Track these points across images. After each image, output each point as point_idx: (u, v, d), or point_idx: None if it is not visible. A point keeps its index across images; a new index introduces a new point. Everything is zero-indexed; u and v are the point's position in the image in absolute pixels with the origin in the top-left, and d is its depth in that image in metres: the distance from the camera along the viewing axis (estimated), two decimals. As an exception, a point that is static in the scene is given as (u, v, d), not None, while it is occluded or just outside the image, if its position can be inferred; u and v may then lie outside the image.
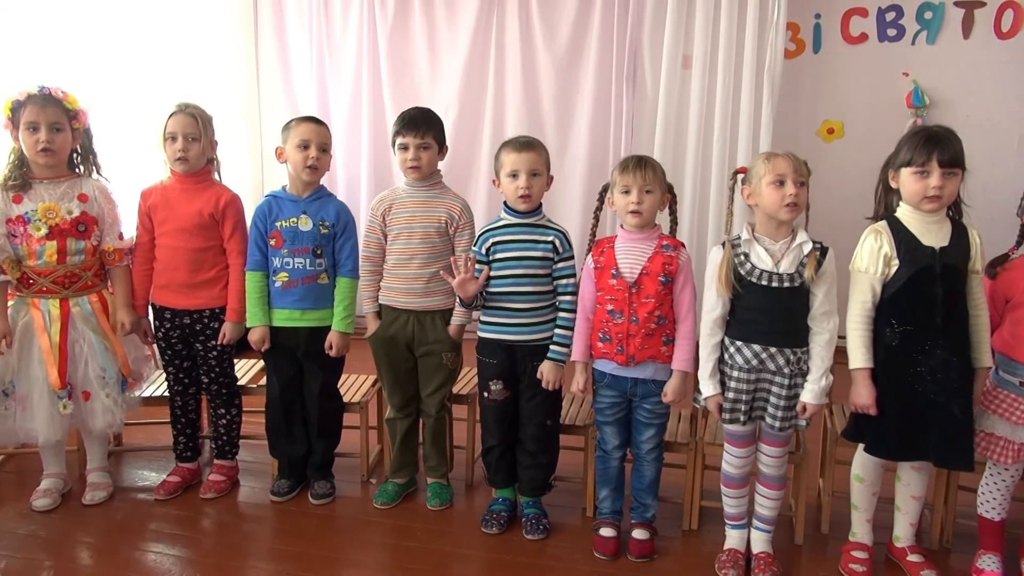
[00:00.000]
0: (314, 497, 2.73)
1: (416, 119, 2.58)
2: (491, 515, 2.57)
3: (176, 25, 4.42)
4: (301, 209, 2.62)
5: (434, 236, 2.58)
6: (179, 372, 2.76)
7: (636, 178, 2.27)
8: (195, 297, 2.66)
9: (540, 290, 2.45)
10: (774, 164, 2.14)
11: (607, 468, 2.47)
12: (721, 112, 4.41)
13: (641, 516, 2.46)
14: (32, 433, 2.53)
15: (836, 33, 4.63)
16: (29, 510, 2.65)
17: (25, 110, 2.43)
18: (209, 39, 4.69)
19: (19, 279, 2.51)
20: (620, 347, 2.31)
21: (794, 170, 2.13)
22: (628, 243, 2.34)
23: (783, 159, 2.14)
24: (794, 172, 2.13)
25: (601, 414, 2.43)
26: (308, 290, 2.62)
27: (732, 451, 2.29)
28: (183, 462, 2.85)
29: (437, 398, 2.69)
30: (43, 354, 2.49)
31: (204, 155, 2.64)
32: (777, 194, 2.13)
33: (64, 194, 2.54)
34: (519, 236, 2.45)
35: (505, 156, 2.42)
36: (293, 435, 2.76)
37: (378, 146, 4.91)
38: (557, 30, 4.60)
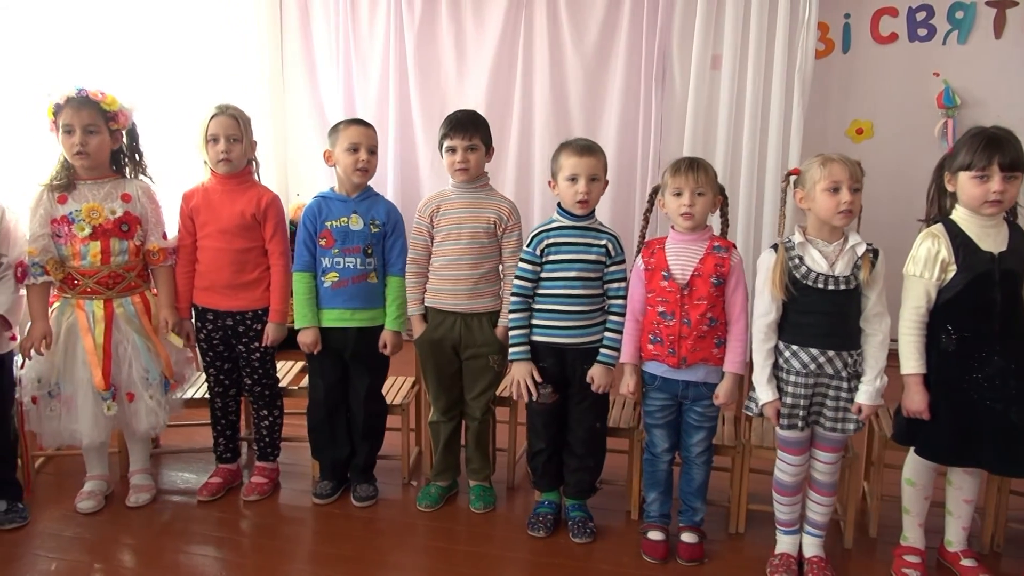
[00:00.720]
0: (357, 499, 2.72)
1: (463, 121, 2.57)
2: (537, 518, 2.56)
3: (201, 26, 4.41)
4: (351, 209, 2.61)
5: (483, 237, 2.56)
6: (220, 374, 2.75)
7: (688, 180, 2.25)
8: (237, 299, 2.66)
9: (592, 293, 2.43)
10: (829, 170, 2.12)
11: (656, 471, 2.45)
12: (751, 113, 4.38)
13: (690, 520, 2.44)
14: (77, 435, 2.52)
15: (866, 33, 4.61)
16: (73, 512, 2.64)
17: (63, 113, 2.43)
18: (234, 40, 4.70)
19: (63, 280, 2.51)
20: (671, 349, 2.29)
21: (850, 176, 2.11)
22: (679, 244, 2.33)
23: (839, 164, 2.12)
24: (850, 178, 2.11)
25: (651, 417, 2.41)
26: (358, 290, 2.62)
27: (787, 458, 2.27)
28: (224, 463, 2.84)
29: (482, 401, 2.67)
30: (87, 355, 2.49)
31: (245, 156, 2.64)
32: (832, 201, 2.11)
33: (107, 194, 2.53)
34: (573, 239, 2.43)
35: (565, 159, 2.40)
36: (336, 437, 2.75)
37: (405, 146, 4.90)
38: (585, 30, 4.58)
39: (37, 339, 2.45)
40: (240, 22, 4.77)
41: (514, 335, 2.47)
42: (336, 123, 2.69)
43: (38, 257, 2.45)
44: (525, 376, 2.44)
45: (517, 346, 2.46)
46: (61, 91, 2.45)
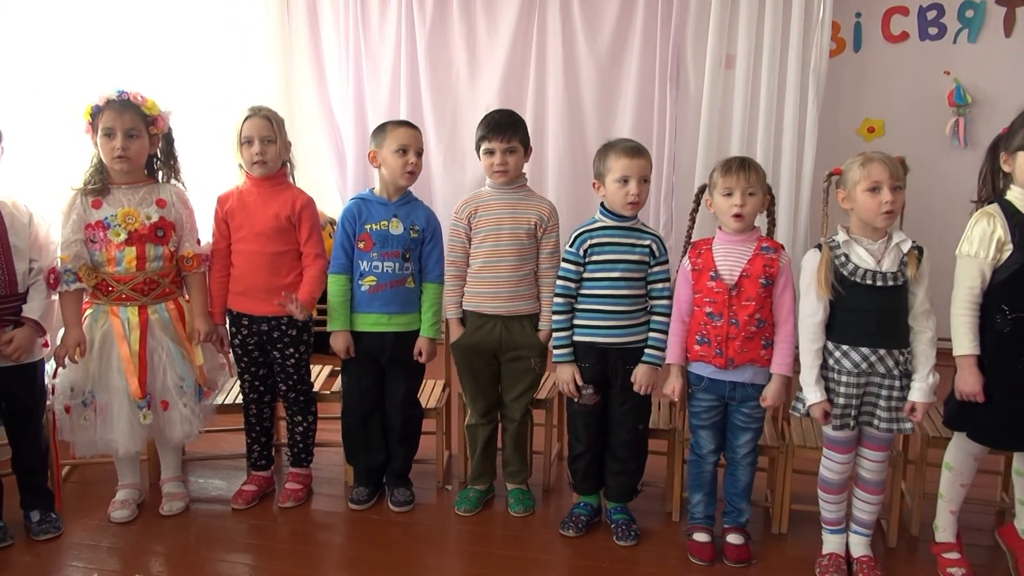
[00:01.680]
0: (394, 504, 2.69)
1: (501, 123, 2.55)
2: (571, 518, 2.55)
3: (204, 26, 4.36)
4: (392, 213, 2.58)
5: (523, 238, 2.54)
6: (255, 379, 2.71)
7: (739, 180, 2.24)
8: (273, 304, 2.61)
9: (635, 293, 2.42)
10: (869, 170, 2.12)
11: (701, 473, 2.44)
12: (765, 113, 4.39)
13: (735, 521, 2.44)
14: (112, 444, 2.47)
15: (877, 32, 4.63)
16: (106, 521, 2.60)
17: (103, 115, 2.38)
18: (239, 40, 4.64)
19: (97, 286, 2.46)
20: (719, 350, 2.28)
21: (890, 175, 2.11)
22: (727, 245, 2.32)
23: (879, 164, 2.12)
24: (890, 177, 2.10)
25: (697, 418, 2.40)
26: (395, 294, 2.59)
27: (834, 457, 2.27)
28: (258, 471, 2.80)
29: (522, 403, 2.65)
30: (123, 363, 2.44)
31: (280, 157, 2.60)
32: (873, 201, 2.10)
33: (143, 199, 2.49)
34: (617, 239, 2.42)
35: (614, 161, 2.38)
36: (371, 442, 2.72)
37: (416, 148, 4.86)
38: (599, 30, 4.57)
39: (71, 346, 2.40)
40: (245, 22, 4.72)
41: (558, 336, 2.45)
42: (382, 124, 2.67)
43: (71, 263, 2.40)
44: (570, 378, 2.42)
45: (561, 348, 2.44)
46: (100, 93, 2.40)
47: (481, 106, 4.76)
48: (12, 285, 2.35)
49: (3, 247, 2.33)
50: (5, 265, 2.33)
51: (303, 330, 2.67)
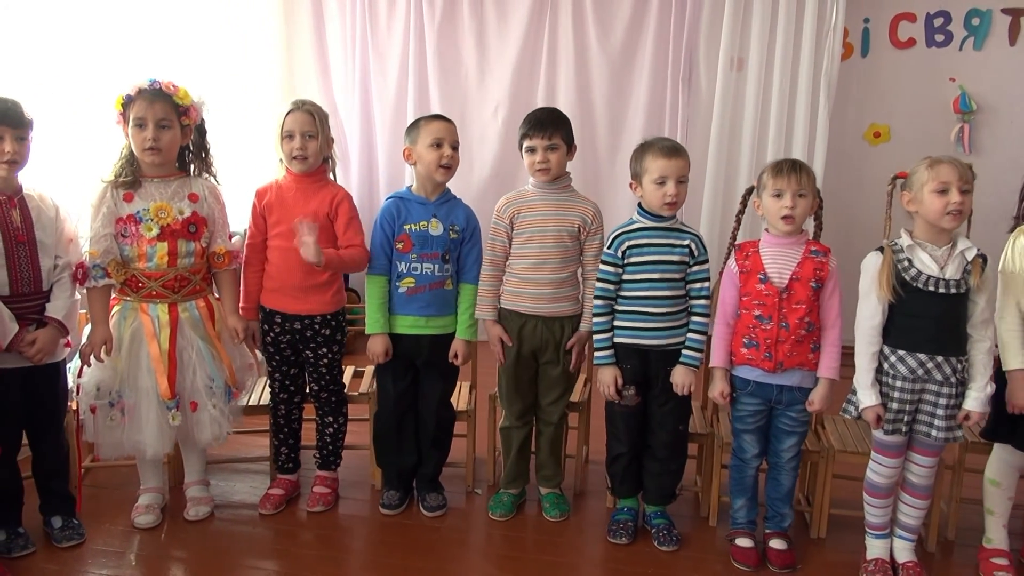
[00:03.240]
0: (427, 509, 2.63)
1: (543, 120, 2.51)
2: (618, 525, 2.51)
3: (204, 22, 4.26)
4: (431, 213, 2.52)
5: (566, 240, 2.50)
6: (286, 379, 2.64)
7: (790, 182, 2.22)
8: (307, 302, 2.54)
9: (676, 294, 2.39)
10: (938, 171, 2.11)
11: (743, 477, 2.42)
12: (777, 115, 4.41)
13: (778, 526, 2.42)
14: (141, 446, 2.38)
15: (884, 37, 4.66)
16: (129, 527, 2.51)
17: (134, 105, 2.29)
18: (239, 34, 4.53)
19: (126, 282, 2.37)
20: (768, 353, 2.26)
21: (959, 177, 2.10)
22: (775, 248, 2.30)
23: (948, 166, 2.11)
24: (959, 179, 2.10)
25: (741, 422, 2.38)
26: (434, 296, 2.53)
27: (883, 461, 2.26)
28: (284, 474, 2.72)
29: (559, 406, 2.61)
30: (152, 362, 2.36)
31: (321, 154, 2.52)
32: (940, 202, 2.10)
33: (175, 193, 2.40)
34: (656, 240, 2.39)
35: (652, 161, 2.34)
36: (403, 445, 2.66)
37: (423, 145, 4.79)
38: (611, 29, 4.55)
39: (97, 345, 2.31)
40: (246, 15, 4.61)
41: (600, 339, 2.41)
42: (415, 120, 2.60)
43: (100, 259, 2.31)
44: (611, 380, 2.39)
45: (603, 350, 2.41)
46: (132, 82, 2.31)
47: (490, 105, 4.73)
48: (37, 282, 2.25)
49: (29, 243, 2.23)
50: (30, 262, 2.23)
51: (337, 329, 2.61)
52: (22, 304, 2.22)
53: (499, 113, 4.67)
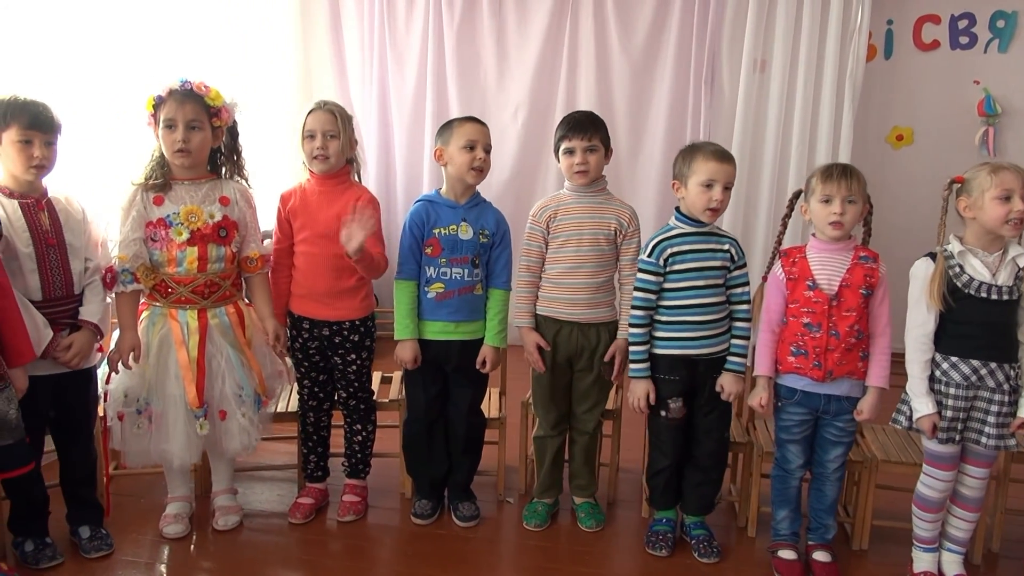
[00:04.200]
0: (460, 519, 2.57)
1: (582, 122, 2.45)
2: (657, 536, 2.45)
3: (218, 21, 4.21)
4: (460, 216, 2.46)
5: (603, 244, 2.44)
6: (315, 386, 2.58)
7: (840, 188, 2.17)
8: (336, 308, 2.49)
9: (720, 300, 2.34)
10: (1001, 178, 2.06)
11: (787, 488, 2.37)
12: (800, 118, 4.35)
13: (821, 538, 2.37)
14: (168, 455, 2.32)
15: (908, 40, 4.62)
16: (157, 537, 2.45)
17: (164, 107, 2.24)
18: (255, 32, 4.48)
19: (155, 287, 2.32)
20: (817, 362, 2.21)
21: (1022, 184, 2.05)
22: (823, 254, 2.24)
23: (1011, 173, 2.06)
24: (1022, 187, 2.05)
25: (787, 432, 2.32)
26: (463, 302, 2.47)
27: (936, 473, 2.20)
28: (313, 482, 2.67)
29: (595, 414, 2.56)
30: (181, 370, 2.30)
31: (343, 154, 2.47)
32: (1002, 209, 2.04)
33: (206, 196, 2.34)
34: (698, 246, 2.33)
35: (701, 163, 2.29)
36: (434, 453, 2.60)
37: (441, 147, 4.74)
38: (633, 31, 4.50)
39: (126, 351, 2.25)
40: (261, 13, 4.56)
41: (637, 351, 2.35)
42: (448, 121, 2.54)
43: (129, 263, 2.25)
44: (644, 394, 2.34)
45: (640, 362, 2.35)
46: (163, 83, 2.25)
47: (510, 106, 4.67)
48: (69, 286, 2.20)
49: (59, 246, 2.17)
50: (61, 265, 2.18)
51: (366, 335, 2.55)
52: (55, 308, 2.16)
53: (519, 115, 4.62)
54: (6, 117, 2.05)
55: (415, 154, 4.79)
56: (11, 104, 2.06)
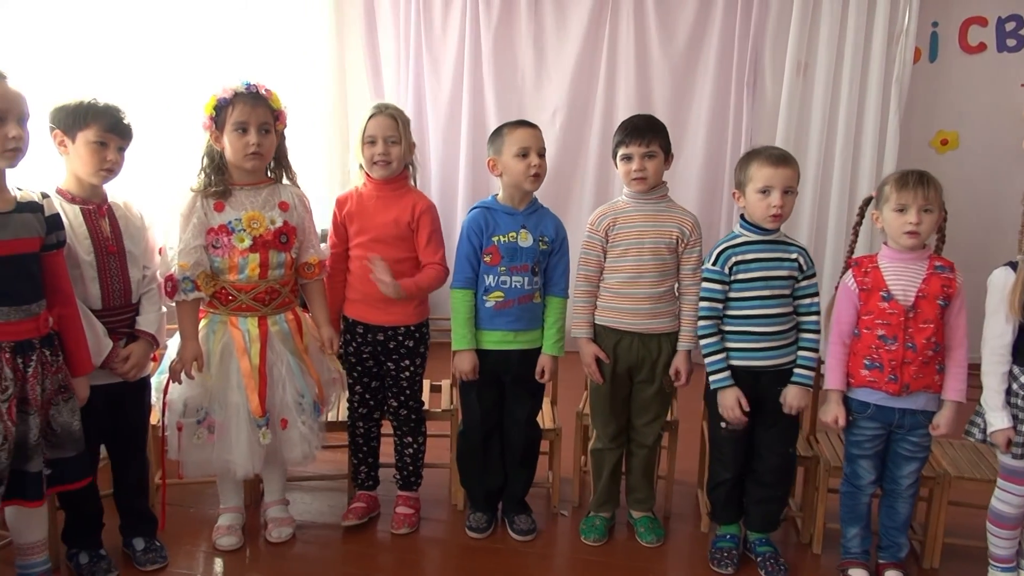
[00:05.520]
0: (517, 533, 2.52)
1: (640, 127, 2.39)
2: (721, 553, 2.39)
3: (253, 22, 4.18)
4: (520, 223, 2.41)
5: (664, 252, 2.38)
6: (366, 392, 2.54)
7: (916, 197, 2.10)
8: (390, 313, 2.44)
9: (786, 311, 2.28)
10: None
11: (857, 505, 2.30)
12: (845, 122, 4.28)
13: (894, 556, 2.30)
14: (231, 466, 2.28)
15: (954, 42, 4.52)
16: (211, 549, 2.41)
17: (234, 110, 2.19)
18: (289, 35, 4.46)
19: (215, 295, 2.28)
20: (893, 375, 2.14)
21: None
22: (897, 263, 2.18)
23: None
24: None
25: (858, 447, 2.25)
26: (523, 310, 2.42)
27: (1012, 488, 2.13)
28: (365, 490, 2.62)
29: (656, 427, 2.50)
30: (243, 378, 2.25)
31: (403, 159, 2.42)
32: None
33: (265, 202, 2.30)
34: (763, 255, 2.27)
35: (757, 170, 2.23)
36: (490, 465, 2.55)
37: (478, 149, 4.69)
38: (674, 33, 4.43)
39: (188, 361, 2.21)
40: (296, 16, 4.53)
41: (715, 360, 2.29)
42: (497, 128, 2.49)
43: (189, 271, 2.21)
44: (734, 403, 2.27)
45: (719, 372, 2.28)
46: (225, 85, 2.21)
47: (548, 108, 4.62)
48: (127, 295, 2.16)
49: (119, 254, 2.14)
50: (121, 273, 2.14)
51: (420, 342, 2.50)
52: (113, 318, 2.13)
53: (557, 118, 4.57)
54: (85, 118, 2.02)
55: (451, 158, 4.74)
56: (91, 106, 2.03)
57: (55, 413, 1.91)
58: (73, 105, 2.04)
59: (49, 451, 1.90)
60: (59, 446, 1.92)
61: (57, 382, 1.92)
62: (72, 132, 2.04)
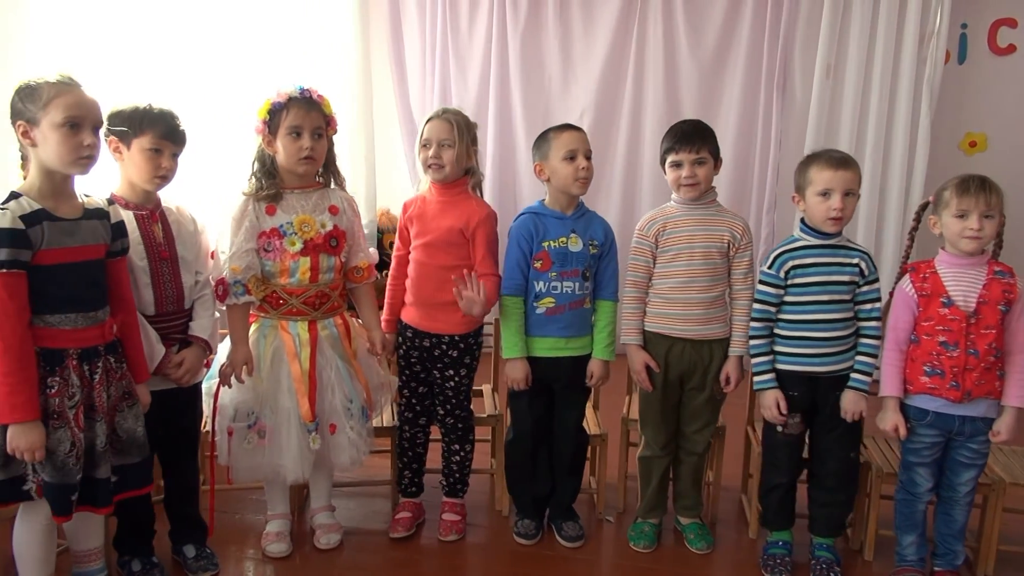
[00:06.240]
0: (566, 539, 2.50)
1: (690, 133, 2.38)
2: (774, 560, 2.37)
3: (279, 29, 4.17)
4: (569, 228, 2.39)
5: (716, 257, 2.37)
6: (413, 397, 2.52)
7: (978, 203, 2.08)
8: (435, 320, 2.42)
9: (846, 317, 2.26)
10: None
11: (914, 512, 2.28)
12: (875, 124, 4.25)
13: (950, 564, 2.28)
14: (281, 470, 2.26)
15: (983, 43, 4.50)
16: (261, 556, 2.39)
17: (288, 114, 2.18)
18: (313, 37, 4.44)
19: (265, 299, 2.26)
20: (954, 382, 2.12)
21: None
22: (956, 269, 2.16)
23: None
24: None
25: (916, 455, 2.24)
26: (574, 316, 2.40)
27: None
28: (408, 497, 2.61)
29: (706, 434, 2.48)
30: (294, 383, 2.24)
31: (460, 164, 2.40)
32: None
33: (316, 206, 2.28)
34: (823, 259, 2.25)
35: (817, 172, 2.22)
36: (539, 472, 2.53)
37: (504, 153, 4.69)
38: (703, 35, 4.41)
39: (239, 364, 2.19)
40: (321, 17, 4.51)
41: (761, 362, 2.28)
42: (543, 132, 2.45)
43: (241, 275, 2.19)
44: (774, 404, 2.26)
45: (764, 374, 2.28)
46: (280, 89, 2.19)
47: (575, 112, 4.59)
48: (180, 300, 2.15)
49: (172, 259, 2.12)
50: (174, 279, 2.13)
51: (466, 352, 2.48)
52: (166, 323, 2.12)
53: (584, 120, 4.53)
54: (141, 124, 2.00)
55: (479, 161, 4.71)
56: (147, 112, 2.02)
57: (120, 420, 1.90)
58: (128, 111, 2.03)
59: (115, 457, 1.88)
60: (124, 452, 1.91)
61: (121, 389, 1.91)
62: (127, 139, 2.02)
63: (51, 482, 1.79)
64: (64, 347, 1.79)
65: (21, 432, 1.72)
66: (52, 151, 1.75)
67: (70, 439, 1.77)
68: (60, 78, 1.76)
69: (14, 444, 1.73)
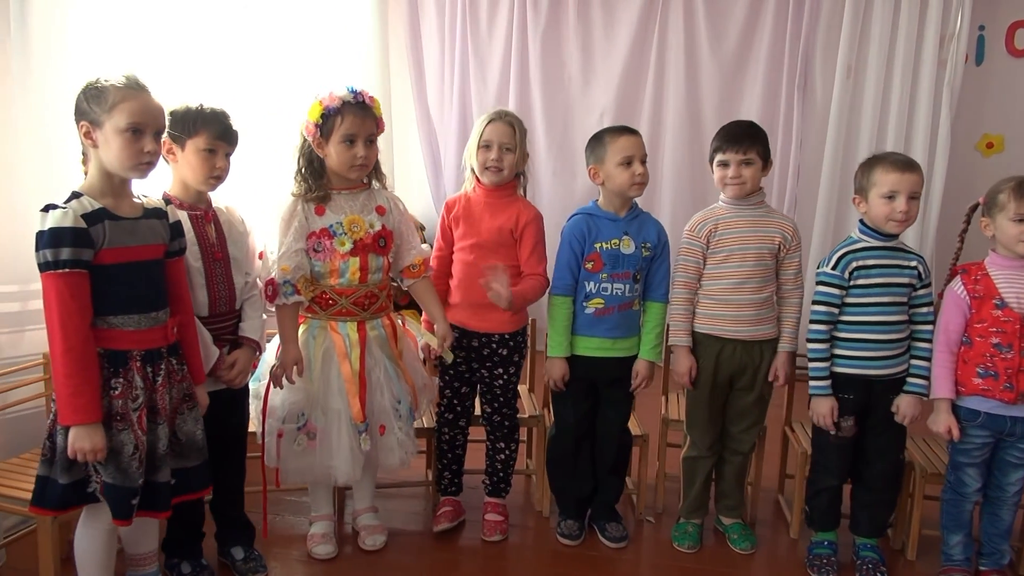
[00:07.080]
0: (610, 540, 2.49)
1: (737, 134, 2.38)
2: (820, 560, 2.37)
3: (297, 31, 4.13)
4: (622, 230, 2.39)
5: (767, 258, 2.37)
6: (455, 397, 2.52)
7: (1036, 206, 2.09)
8: (485, 320, 2.42)
9: (903, 319, 2.26)
10: None
11: (961, 512, 2.29)
12: (896, 124, 4.28)
13: (996, 563, 2.29)
14: (332, 472, 2.25)
15: (1000, 45, 4.54)
16: (307, 557, 2.38)
17: (343, 121, 2.15)
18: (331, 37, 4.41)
19: (315, 299, 2.25)
20: (1008, 383, 2.13)
21: None
22: (1008, 270, 2.17)
23: None
24: None
25: (966, 455, 2.24)
26: (623, 317, 2.40)
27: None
28: (449, 496, 2.60)
29: (752, 434, 2.48)
30: (345, 383, 2.22)
31: (515, 167, 2.40)
32: None
33: (363, 206, 2.27)
34: (885, 261, 2.25)
35: (882, 175, 2.22)
36: (581, 472, 2.53)
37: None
38: (724, 35, 4.43)
39: (289, 365, 2.17)
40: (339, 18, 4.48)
41: (820, 367, 2.27)
42: (597, 134, 2.44)
43: (290, 275, 2.18)
44: (828, 412, 2.26)
45: (821, 379, 2.27)
46: (331, 91, 2.17)
47: (595, 111, 4.60)
48: (232, 301, 2.13)
49: (223, 260, 2.11)
50: (226, 279, 2.11)
51: (515, 350, 2.48)
52: (218, 324, 2.10)
53: (604, 120, 4.53)
54: (196, 124, 1.98)
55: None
56: (200, 113, 2.00)
57: (180, 422, 1.88)
58: (182, 112, 2.00)
59: (174, 461, 1.86)
60: (184, 455, 1.89)
61: (182, 391, 1.89)
62: (181, 139, 2.00)
63: (112, 483, 1.77)
64: (127, 349, 1.77)
65: (84, 434, 1.70)
66: (113, 155, 1.73)
67: (133, 441, 1.75)
68: (128, 81, 1.74)
69: (76, 446, 1.71)
